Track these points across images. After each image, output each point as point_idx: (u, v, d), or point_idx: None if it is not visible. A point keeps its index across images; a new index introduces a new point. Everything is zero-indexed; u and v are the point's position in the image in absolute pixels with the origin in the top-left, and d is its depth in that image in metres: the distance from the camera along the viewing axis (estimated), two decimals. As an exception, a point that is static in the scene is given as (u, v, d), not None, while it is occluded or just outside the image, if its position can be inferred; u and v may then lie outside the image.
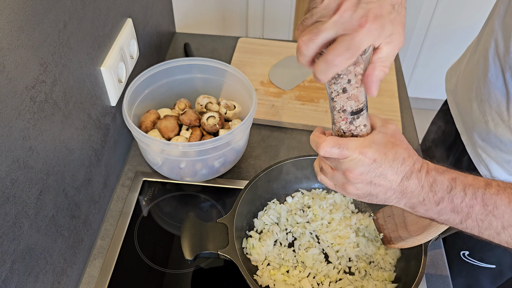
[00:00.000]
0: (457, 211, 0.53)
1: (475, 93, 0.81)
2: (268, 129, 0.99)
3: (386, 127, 0.55)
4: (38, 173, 0.56)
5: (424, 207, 0.54)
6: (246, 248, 0.74)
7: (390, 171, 0.52)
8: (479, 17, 1.97)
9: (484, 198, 0.52)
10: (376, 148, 0.52)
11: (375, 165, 0.52)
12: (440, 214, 0.54)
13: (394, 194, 0.54)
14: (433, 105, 2.44)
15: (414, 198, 0.54)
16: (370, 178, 0.53)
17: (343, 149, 0.53)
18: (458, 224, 0.54)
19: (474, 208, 0.52)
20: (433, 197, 0.53)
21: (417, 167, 0.54)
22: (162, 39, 1.11)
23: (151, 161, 0.84)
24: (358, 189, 0.55)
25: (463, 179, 0.54)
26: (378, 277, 0.71)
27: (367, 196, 0.56)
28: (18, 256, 0.54)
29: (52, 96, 0.58)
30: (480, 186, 0.53)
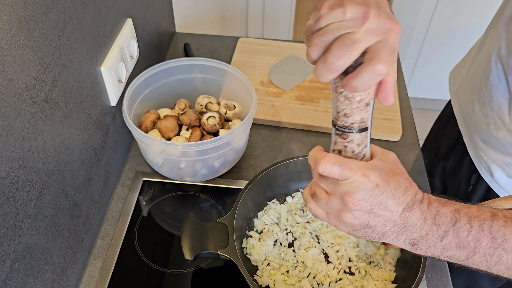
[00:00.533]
0: (463, 246, 0.49)
1: (477, 95, 0.81)
2: (268, 129, 0.99)
3: (386, 156, 0.52)
4: (38, 173, 0.56)
5: (427, 243, 0.50)
6: (246, 248, 0.74)
7: (391, 200, 0.49)
8: (479, 17, 1.97)
9: (491, 230, 0.49)
10: (379, 173, 0.49)
11: (377, 191, 0.48)
12: (444, 251, 0.51)
13: (394, 228, 0.50)
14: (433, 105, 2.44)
15: (415, 232, 0.50)
16: (370, 206, 0.49)
17: (344, 168, 0.49)
18: (464, 261, 0.51)
19: (482, 242, 0.49)
20: (437, 230, 0.49)
21: (419, 198, 0.50)
22: (162, 39, 1.11)
23: (151, 161, 0.84)
24: (355, 218, 0.50)
25: (467, 211, 0.50)
26: (378, 277, 0.71)
27: (364, 228, 0.51)
28: (18, 256, 0.54)
29: (52, 96, 0.58)
30: (487, 218, 0.49)
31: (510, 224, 0.49)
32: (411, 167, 0.93)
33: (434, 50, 2.13)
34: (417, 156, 0.95)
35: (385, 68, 0.43)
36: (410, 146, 0.96)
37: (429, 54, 2.14)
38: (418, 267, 0.65)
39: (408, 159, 0.94)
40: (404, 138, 0.98)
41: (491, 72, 0.75)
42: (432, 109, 2.46)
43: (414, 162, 0.93)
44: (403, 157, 0.94)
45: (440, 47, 2.11)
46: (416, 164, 0.93)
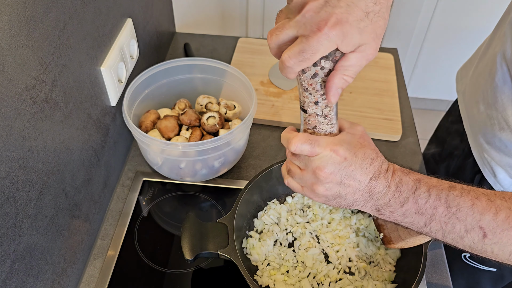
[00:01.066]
0: (421, 213, 0.53)
1: (482, 96, 0.80)
2: (268, 129, 0.99)
3: (354, 129, 0.55)
4: (38, 173, 0.56)
5: (390, 209, 0.54)
6: (246, 248, 0.74)
7: (359, 171, 0.52)
8: (479, 17, 1.97)
9: (447, 199, 0.52)
10: (347, 147, 0.52)
11: (345, 163, 0.52)
12: (404, 216, 0.54)
13: (362, 196, 0.54)
14: (433, 105, 2.44)
15: (380, 199, 0.54)
16: (340, 177, 0.52)
17: (314, 146, 0.52)
18: (422, 228, 0.54)
19: (438, 209, 0.52)
20: (399, 197, 0.53)
21: (385, 167, 0.54)
22: (162, 39, 1.11)
23: (151, 161, 0.84)
24: (327, 190, 0.54)
25: (428, 181, 0.53)
26: (378, 277, 0.71)
27: (336, 198, 0.55)
28: (18, 256, 0.54)
29: (52, 96, 0.58)
30: (444, 188, 0.53)
31: (465, 195, 0.52)
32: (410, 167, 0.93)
33: (434, 50, 2.13)
34: (417, 156, 0.95)
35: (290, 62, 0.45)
36: (410, 146, 0.96)
37: (429, 54, 2.14)
38: (418, 267, 0.65)
39: (408, 159, 0.94)
40: (404, 138, 0.98)
41: (497, 73, 0.75)
42: (432, 109, 2.46)
43: (413, 162, 0.93)
44: (403, 157, 0.94)
45: (440, 47, 2.12)
46: (416, 164, 0.93)
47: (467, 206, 0.51)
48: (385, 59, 1.16)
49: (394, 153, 0.95)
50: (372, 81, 1.09)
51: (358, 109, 1.01)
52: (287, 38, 0.46)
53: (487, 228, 0.51)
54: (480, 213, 0.51)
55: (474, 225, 0.51)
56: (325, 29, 0.42)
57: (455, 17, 1.99)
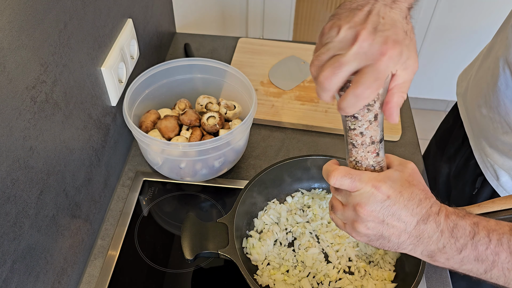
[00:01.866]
0: (481, 260, 0.49)
1: (484, 100, 0.80)
2: (268, 129, 0.99)
3: (404, 166, 0.53)
4: (39, 173, 0.57)
5: (445, 256, 0.50)
6: (246, 248, 0.74)
7: (404, 211, 0.49)
8: (479, 17, 1.97)
9: (510, 244, 0.48)
10: (391, 185, 0.49)
11: (388, 202, 0.49)
12: (462, 263, 0.50)
13: (409, 239, 0.50)
14: (433, 105, 2.44)
15: (432, 244, 0.50)
16: (383, 216, 0.49)
17: (355, 180, 0.49)
18: (483, 274, 0.50)
19: (500, 256, 0.48)
20: (455, 243, 0.49)
21: (435, 210, 0.50)
22: (162, 39, 1.11)
23: (151, 161, 0.84)
24: (368, 229, 0.50)
25: (486, 224, 0.50)
26: (378, 277, 0.71)
27: (379, 239, 0.51)
28: (18, 256, 0.54)
29: (53, 96, 0.58)
30: (505, 232, 0.49)
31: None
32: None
33: (434, 50, 2.13)
34: (417, 156, 0.95)
35: (367, 93, 0.45)
36: (410, 146, 0.96)
37: (428, 54, 2.14)
38: (417, 267, 0.65)
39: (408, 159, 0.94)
40: (404, 138, 0.98)
41: (499, 77, 0.75)
42: (432, 109, 2.46)
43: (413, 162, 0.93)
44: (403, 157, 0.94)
45: (440, 47, 2.12)
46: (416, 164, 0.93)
47: None
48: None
49: (393, 153, 0.95)
50: (372, 81, 1.09)
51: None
52: (348, 74, 0.45)
53: None
54: None
55: None
56: (388, 52, 0.43)
57: (454, 17, 1.99)
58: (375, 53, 0.44)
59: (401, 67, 0.46)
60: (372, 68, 0.44)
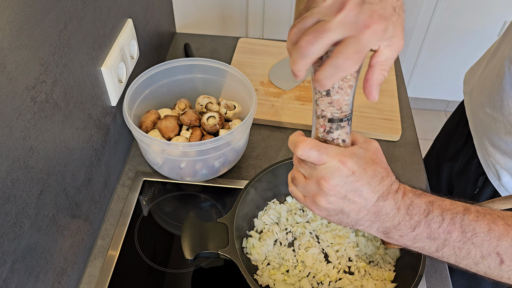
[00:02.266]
0: (433, 238, 0.50)
1: (488, 99, 0.80)
2: (268, 129, 0.99)
3: (368, 144, 0.52)
4: (39, 173, 0.57)
5: (399, 233, 0.51)
6: (246, 248, 0.74)
7: (367, 188, 0.49)
8: (479, 17, 1.97)
9: (462, 224, 0.49)
10: (356, 161, 0.49)
11: (352, 177, 0.49)
12: (415, 241, 0.51)
13: (368, 215, 0.50)
14: (432, 105, 2.44)
15: (388, 221, 0.51)
16: (345, 191, 0.49)
17: (322, 153, 0.49)
18: (434, 253, 0.51)
19: (452, 234, 0.49)
20: (409, 221, 0.50)
21: (394, 188, 0.51)
22: (162, 39, 1.11)
23: (151, 161, 0.84)
24: (329, 203, 0.50)
25: (441, 203, 0.50)
26: (378, 277, 0.71)
27: (338, 213, 0.51)
28: (18, 256, 0.54)
29: (53, 96, 0.58)
30: (459, 211, 0.50)
31: (481, 219, 0.49)
32: (410, 167, 0.93)
33: (434, 50, 2.13)
34: (417, 156, 0.95)
35: (346, 64, 0.43)
36: (410, 146, 0.97)
37: (428, 54, 2.14)
38: (417, 266, 0.65)
39: (407, 159, 0.94)
40: (404, 138, 0.98)
41: (504, 77, 0.75)
42: (431, 109, 2.46)
43: (413, 162, 0.94)
44: (402, 157, 0.94)
45: (440, 47, 2.12)
46: (415, 164, 0.93)
47: (483, 231, 0.48)
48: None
49: (393, 153, 0.95)
50: (372, 81, 1.09)
51: (358, 109, 1.01)
52: (331, 41, 0.43)
53: (504, 254, 0.48)
54: (497, 239, 0.48)
55: (490, 251, 0.49)
56: (373, 26, 0.42)
57: (454, 17, 1.99)
58: (360, 25, 0.42)
59: (384, 43, 0.45)
60: (354, 39, 0.43)
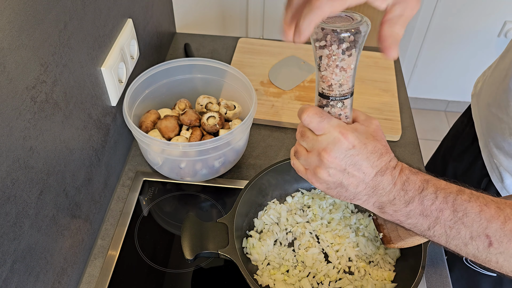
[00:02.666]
0: (426, 215, 0.51)
1: (494, 99, 0.80)
2: (268, 129, 0.99)
3: (369, 122, 0.54)
4: (39, 173, 0.57)
5: (393, 207, 0.52)
6: (246, 248, 0.74)
7: (366, 162, 0.51)
8: (478, 17, 1.97)
9: (455, 203, 0.50)
10: (357, 135, 0.51)
11: (353, 151, 0.50)
12: (408, 217, 0.52)
13: (366, 190, 0.52)
14: (432, 105, 2.44)
15: (384, 196, 0.52)
16: (345, 165, 0.51)
17: (324, 120, 0.51)
18: (426, 231, 0.52)
19: (444, 212, 0.50)
20: (404, 196, 0.51)
21: (393, 164, 0.52)
22: (162, 39, 1.11)
23: (151, 161, 0.84)
24: (330, 175, 0.52)
25: (436, 182, 0.52)
26: (378, 277, 0.71)
27: (337, 187, 0.53)
28: (18, 256, 0.54)
29: (53, 96, 0.58)
30: (452, 191, 0.51)
31: (473, 200, 0.50)
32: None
33: (434, 50, 2.13)
34: (417, 156, 0.95)
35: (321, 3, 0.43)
36: (410, 146, 0.97)
37: (428, 54, 2.14)
38: (417, 267, 0.65)
39: (408, 159, 0.94)
40: (404, 138, 0.98)
41: (511, 78, 0.75)
42: (431, 109, 2.46)
43: (413, 162, 0.94)
44: (403, 157, 0.94)
45: (440, 47, 2.12)
46: (416, 164, 0.93)
47: (474, 212, 0.49)
48: (385, 59, 1.16)
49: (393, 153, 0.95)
50: (372, 81, 1.09)
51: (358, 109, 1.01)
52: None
53: (493, 236, 0.49)
54: (487, 221, 0.49)
55: (480, 233, 0.49)
56: None
57: (454, 17, 1.99)
58: None
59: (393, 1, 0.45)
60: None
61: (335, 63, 0.50)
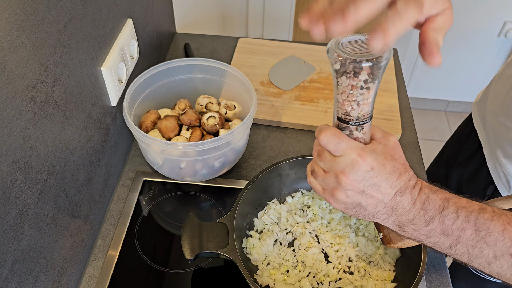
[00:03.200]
0: (447, 234, 0.50)
1: (501, 107, 0.79)
2: (268, 129, 0.99)
3: (387, 139, 0.53)
4: (39, 173, 0.57)
5: (413, 227, 0.52)
6: (246, 248, 0.74)
7: (385, 183, 0.50)
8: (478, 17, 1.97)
9: (477, 222, 0.49)
10: (376, 157, 0.50)
11: (371, 173, 0.50)
12: (428, 236, 0.52)
13: (385, 209, 0.52)
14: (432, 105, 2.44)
15: (404, 215, 0.51)
16: (364, 187, 0.50)
17: (342, 142, 0.50)
18: (447, 249, 0.52)
19: (466, 232, 0.49)
20: (424, 215, 0.51)
21: (412, 183, 0.52)
22: (162, 39, 1.11)
23: (151, 161, 0.84)
24: (348, 197, 0.51)
25: (457, 201, 0.51)
26: (378, 277, 0.71)
27: (355, 207, 0.53)
28: (18, 256, 0.54)
29: (53, 96, 0.58)
30: (474, 210, 0.50)
31: (496, 219, 0.50)
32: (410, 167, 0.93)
33: (434, 50, 2.12)
34: (417, 156, 0.95)
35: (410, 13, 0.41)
36: (410, 146, 0.97)
37: (429, 54, 2.14)
38: (417, 267, 0.65)
39: (408, 159, 0.94)
40: (404, 138, 0.98)
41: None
42: (431, 109, 2.46)
43: (413, 162, 0.94)
44: (403, 157, 0.94)
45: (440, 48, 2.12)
46: (415, 164, 0.93)
47: (497, 231, 0.49)
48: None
49: (394, 153, 0.95)
50: (372, 81, 1.09)
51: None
52: None
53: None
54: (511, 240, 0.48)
55: (504, 252, 0.48)
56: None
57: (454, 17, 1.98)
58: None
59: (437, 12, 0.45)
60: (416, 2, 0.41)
61: (355, 93, 0.49)
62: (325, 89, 1.06)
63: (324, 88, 1.06)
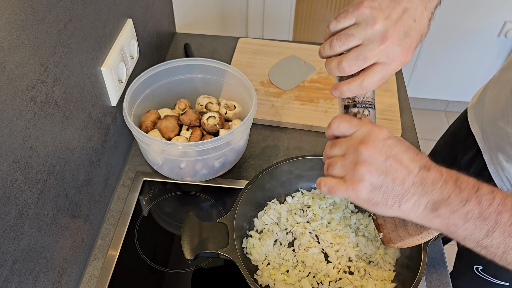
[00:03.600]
0: (484, 217, 0.45)
1: (502, 113, 0.78)
2: (268, 129, 0.99)
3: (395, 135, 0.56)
4: (39, 173, 0.57)
5: (449, 208, 0.46)
6: (246, 248, 0.74)
7: (405, 156, 0.47)
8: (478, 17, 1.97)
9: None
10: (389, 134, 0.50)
11: (390, 141, 0.48)
12: (466, 220, 0.46)
13: (414, 186, 0.46)
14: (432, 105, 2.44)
15: (437, 192, 0.46)
16: (385, 155, 0.47)
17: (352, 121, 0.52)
18: (483, 238, 0.46)
19: (503, 216, 0.44)
20: (460, 194, 0.45)
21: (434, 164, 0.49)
22: (162, 39, 1.11)
23: (151, 161, 0.84)
24: (370, 172, 0.47)
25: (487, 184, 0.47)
26: (378, 277, 0.71)
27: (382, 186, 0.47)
28: (18, 256, 0.54)
29: (53, 96, 0.58)
30: (509, 194, 0.46)
31: None
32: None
33: (434, 50, 2.13)
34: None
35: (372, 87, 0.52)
36: (410, 146, 0.96)
37: (428, 54, 2.14)
38: (417, 267, 0.65)
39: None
40: (404, 138, 0.98)
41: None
42: (431, 109, 2.46)
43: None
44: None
45: (440, 47, 2.12)
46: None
47: None
48: None
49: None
50: (372, 81, 1.09)
51: None
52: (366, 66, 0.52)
53: None
54: None
55: None
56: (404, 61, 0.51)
57: (454, 17, 1.99)
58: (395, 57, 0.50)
59: None
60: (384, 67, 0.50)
61: None
62: (325, 89, 1.06)
63: (324, 88, 1.06)
